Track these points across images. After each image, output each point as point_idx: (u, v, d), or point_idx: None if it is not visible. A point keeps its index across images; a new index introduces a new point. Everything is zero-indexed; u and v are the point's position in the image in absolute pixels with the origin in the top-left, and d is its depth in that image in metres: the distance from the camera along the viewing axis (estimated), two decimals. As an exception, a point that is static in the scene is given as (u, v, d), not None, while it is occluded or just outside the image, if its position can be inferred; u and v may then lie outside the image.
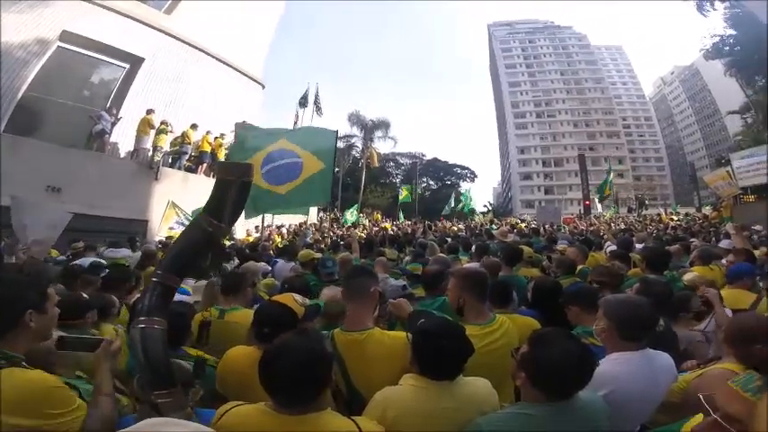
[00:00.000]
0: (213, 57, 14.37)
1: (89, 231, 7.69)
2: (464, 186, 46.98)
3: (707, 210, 20.61)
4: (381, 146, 36.18)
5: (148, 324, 1.19)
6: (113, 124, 10.58)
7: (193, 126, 11.86)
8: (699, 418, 0.90)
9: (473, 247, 5.23)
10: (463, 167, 54.70)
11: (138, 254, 4.96)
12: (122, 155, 11.34)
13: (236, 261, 4.72)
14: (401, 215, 21.81)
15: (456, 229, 13.78)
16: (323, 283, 3.38)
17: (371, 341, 1.64)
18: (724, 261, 3.68)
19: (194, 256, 1.39)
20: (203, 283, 2.96)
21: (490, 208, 47.95)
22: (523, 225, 14.73)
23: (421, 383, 1.35)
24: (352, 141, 35.22)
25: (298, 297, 1.86)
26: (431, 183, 53.18)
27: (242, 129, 6.20)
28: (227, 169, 1.41)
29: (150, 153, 10.73)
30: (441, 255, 4.14)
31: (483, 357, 1.61)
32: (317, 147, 5.51)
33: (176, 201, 9.97)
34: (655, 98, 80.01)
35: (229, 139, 12.95)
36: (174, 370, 1.22)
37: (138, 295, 2.22)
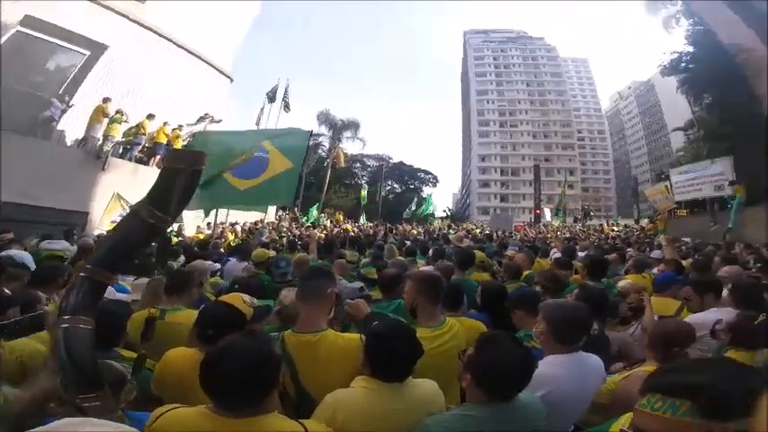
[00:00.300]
0: (181, 47, 13.72)
1: (22, 222, 7.06)
2: (426, 191, 47.98)
3: (644, 222, 22.36)
4: (349, 146, 36.05)
5: (73, 323, 1.10)
6: (63, 112, 9.84)
7: (150, 116, 11.21)
8: (627, 417, 0.96)
9: (430, 251, 5.36)
10: (427, 172, 55.85)
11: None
12: (70, 143, 10.50)
13: (183, 259, 4.51)
14: (363, 217, 21.83)
15: (416, 232, 14.01)
16: (277, 283, 3.30)
17: (325, 343, 1.62)
18: (655, 270, 4.03)
19: (131, 250, 1.30)
20: (145, 280, 2.81)
21: (449, 213, 49.19)
22: (478, 231, 15.28)
23: (372, 385, 1.36)
24: (320, 140, 34.77)
25: (246, 297, 1.79)
26: (395, 186, 53.70)
27: (216, 121, 6.02)
28: (178, 157, 1.33)
29: (100, 142, 10.00)
30: (399, 258, 4.19)
31: (432, 359, 1.64)
32: (288, 145, 5.37)
33: (123, 193, 9.37)
34: (610, 112, 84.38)
35: (188, 130, 12.38)
36: (101, 372, 1.14)
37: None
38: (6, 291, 1.92)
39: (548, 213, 29.69)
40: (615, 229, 19.72)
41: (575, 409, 1.66)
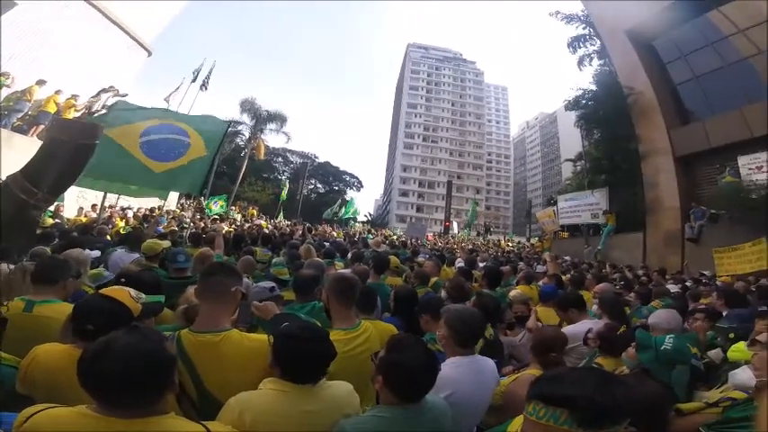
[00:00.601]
0: (98, 9, 11.92)
1: None
2: (350, 194, 48.08)
3: (534, 240, 25.38)
4: (273, 139, 34.22)
5: None
6: None
7: (39, 82, 9.52)
8: (519, 420, 1.03)
9: (349, 254, 5.36)
10: (352, 176, 55.97)
11: None
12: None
13: (56, 242, 3.82)
14: (281, 214, 20.96)
15: (336, 234, 13.93)
16: (173, 279, 2.98)
17: (228, 343, 1.51)
18: (541, 283, 4.60)
19: (8, 231, 1.07)
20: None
21: (369, 218, 49.97)
22: (395, 237, 15.81)
23: (282, 387, 1.31)
24: (240, 128, 32.42)
25: (132, 292, 1.60)
26: (319, 186, 52.73)
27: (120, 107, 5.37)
28: (63, 127, 1.13)
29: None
30: (316, 259, 4.09)
31: (346, 362, 1.64)
32: (205, 132, 5.11)
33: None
34: (516, 139, 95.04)
35: (85, 102, 10.58)
36: None
37: None
38: None
39: (455, 226, 32.07)
40: (510, 244, 22.10)
41: (475, 410, 1.79)
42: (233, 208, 18.76)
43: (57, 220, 7.46)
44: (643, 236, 13.29)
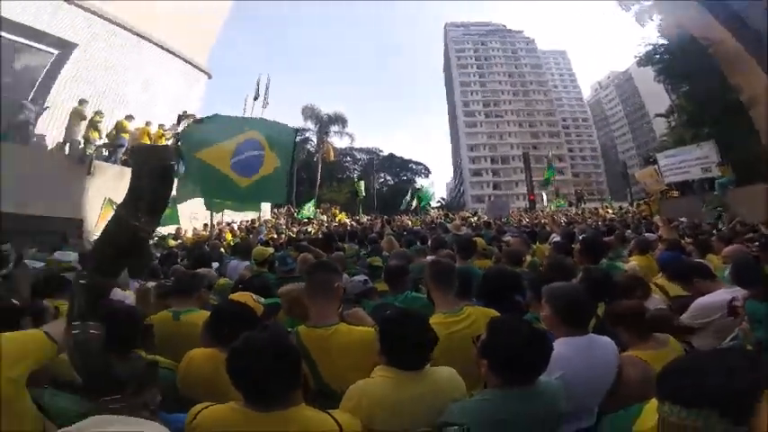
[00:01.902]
0: (155, 43, 13.32)
1: (15, 232, 6.87)
2: (420, 182, 47.90)
3: (638, 203, 22.60)
4: (337, 141, 35.81)
5: (82, 330, 1.10)
6: (38, 115, 9.52)
7: (128, 117, 10.98)
8: (651, 413, 0.89)
9: (429, 241, 5.34)
10: (418, 163, 55.89)
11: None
12: (49, 147, 10.22)
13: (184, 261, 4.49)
14: (361, 210, 21.74)
15: (410, 223, 14.02)
16: (280, 280, 3.28)
17: (338, 336, 1.64)
18: (657, 251, 3.97)
19: (119, 255, 1.26)
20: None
21: (443, 203, 49.26)
22: (474, 219, 15.34)
23: (390, 374, 1.36)
24: (306, 135, 34.46)
25: (254, 296, 1.80)
26: (388, 178, 53.62)
27: (199, 121, 5.97)
28: (139, 154, 1.30)
29: (81, 146, 9.78)
30: (401, 249, 4.16)
31: (448, 345, 1.64)
32: (277, 142, 5.34)
33: (113, 196, 9.19)
34: (591, 101, 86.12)
35: (171, 131, 12.18)
36: (120, 373, 1.13)
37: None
38: (15, 301, 1.87)
39: (545, 197, 29.72)
40: (610, 211, 19.96)
41: (591, 391, 1.64)
42: (318, 210, 20.00)
43: (179, 241, 8.74)
44: (768, 188, 11.08)
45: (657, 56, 15.99)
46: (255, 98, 18.58)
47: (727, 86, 12.86)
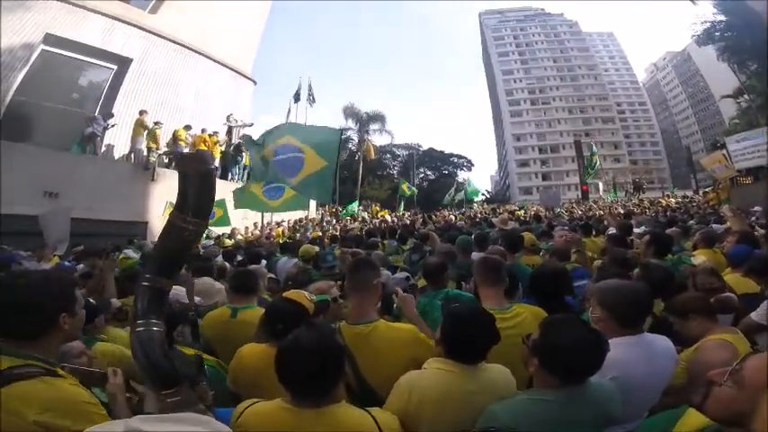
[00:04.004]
0: (202, 54, 14.20)
1: (89, 235, 7.65)
2: (462, 175, 46.99)
3: (707, 191, 20.59)
4: (377, 139, 36.10)
5: (146, 327, 1.17)
6: (105, 129, 10.52)
7: (186, 127, 11.80)
8: (695, 419, 0.91)
9: (472, 236, 5.21)
10: (460, 157, 54.47)
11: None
12: (116, 157, 11.30)
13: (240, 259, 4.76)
14: (401, 206, 21.78)
15: (453, 218, 13.79)
16: (324, 277, 3.38)
17: (377, 333, 1.66)
18: (725, 244, 3.59)
19: (174, 257, 1.33)
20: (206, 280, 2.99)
21: (488, 196, 47.90)
22: (522, 212, 14.76)
23: (447, 366, 1.37)
24: (348, 134, 35.11)
25: (306, 293, 1.86)
26: (428, 173, 52.97)
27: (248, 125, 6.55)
28: (182, 161, 1.35)
29: (145, 154, 10.68)
30: (446, 245, 4.09)
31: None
32: (320, 143, 5.47)
33: (174, 202, 9.95)
34: (648, 84, 79.97)
35: (223, 136, 12.95)
36: (177, 368, 1.20)
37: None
38: (90, 300, 2.08)
39: (601, 187, 27.93)
40: (673, 200, 18.36)
41: (644, 393, 1.55)
42: (360, 208, 20.33)
43: (233, 240, 9.28)
44: None
45: (718, 33, 14.86)
46: (297, 100, 19.32)
47: None
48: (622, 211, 11.02)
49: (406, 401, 1.30)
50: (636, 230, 4.83)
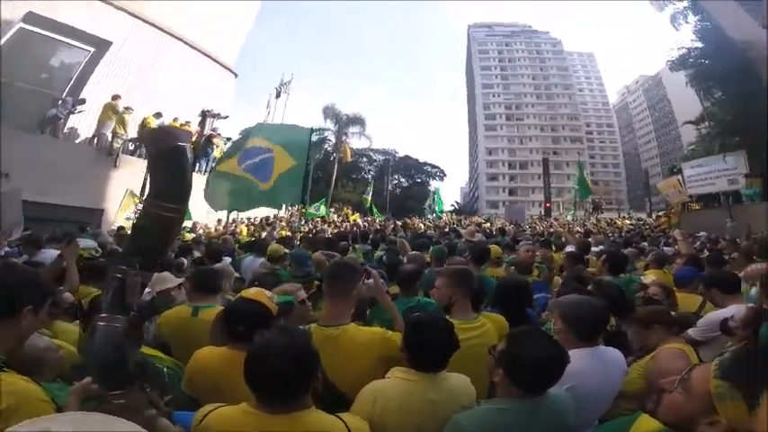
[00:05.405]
0: (185, 42, 13.67)
1: (41, 220, 7.16)
2: (434, 185, 47.75)
3: (658, 216, 21.91)
4: (355, 142, 36.01)
5: (108, 322, 1.12)
6: (71, 112, 9.92)
7: (157, 114, 11.33)
8: (647, 425, 0.99)
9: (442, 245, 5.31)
10: (433, 166, 55.44)
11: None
12: (79, 140, 10.64)
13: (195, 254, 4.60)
14: (374, 210, 21.80)
15: (423, 226, 13.97)
16: (298, 278, 3.32)
17: (346, 336, 1.66)
18: (674, 265, 3.94)
19: (151, 247, 1.25)
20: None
21: (457, 207, 48.84)
22: (488, 225, 15.19)
23: (409, 376, 1.39)
24: (326, 135, 34.78)
25: (268, 293, 1.81)
26: (402, 180, 53.47)
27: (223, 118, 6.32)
28: (151, 138, 1.27)
29: (110, 139, 10.14)
30: (416, 253, 4.15)
31: (461, 353, 1.64)
32: (289, 142, 5.39)
33: (136, 189, 9.50)
34: (618, 106, 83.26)
35: (196, 127, 12.50)
36: (130, 368, 1.15)
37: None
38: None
39: (561, 206, 29.09)
40: (628, 221, 19.46)
41: (598, 403, 1.66)
42: (331, 210, 20.15)
43: (194, 235, 8.93)
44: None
45: (691, 60, 15.29)
46: (278, 96, 19.02)
47: (765, 94, 12.03)
48: (581, 230, 11.61)
49: (370, 410, 1.31)
50: (594, 249, 5.12)
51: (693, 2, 14.58)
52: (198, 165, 12.48)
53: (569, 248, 5.27)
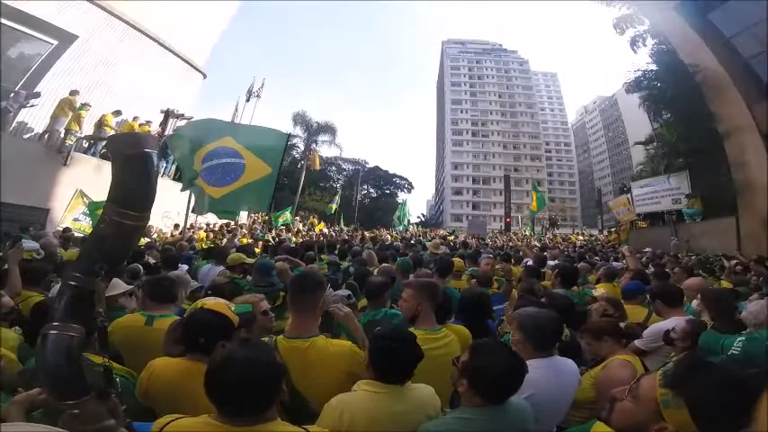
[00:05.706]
0: (153, 39, 13.10)
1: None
2: (402, 196, 48.32)
3: (609, 232, 23.29)
4: (324, 150, 35.71)
5: (61, 330, 1.03)
6: (22, 105, 9.19)
7: (116, 112, 10.80)
8: (601, 425, 1.05)
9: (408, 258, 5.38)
10: (402, 178, 56.18)
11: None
12: (29, 135, 9.83)
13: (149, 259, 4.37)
14: (342, 221, 21.67)
15: (390, 237, 14.07)
16: (260, 288, 3.23)
17: (315, 348, 1.65)
18: (622, 279, 4.22)
19: (112, 255, 1.17)
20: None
21: (423, 219, 49.60)
22: (452, 237, 15.54)
23: (375, 388, 1.40)
24: (294, 141, 34.24)
25: (229, 304, 1.76)
26: (371, 190, 53.64)
27: (189, 123, 5.86)
28: (115, 143, 1.22)
29: (62, 136, 9.47)
30: (386, 265, 4.18)
31: (426, 363, 1.66)
32: (265, 149, 5.22)
33: (87, 190, 8.90)
34: (576, 125, 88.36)
35: (156, 126, 11.95)
36: (84, 378, 1.06)
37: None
38: None
39: (520, 221, 30.28)
40: (581, 238, 20.58)
41: (555, 411, 1.75)
42: (296, 218, 19.77)
43: (148, 240, 8.44)
44: (736, 220, 11.68)
45: (645, 82, 15.69)
46: (247, 99, 18.58)
47: (708, 117, 12.75)
48: (539, 245, 12.19)
49: (337, 422, 1.31)
50: (550, 263, 5.41)
51: (653, 26, 15.15)
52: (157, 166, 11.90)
53: (528, 262, 5.57)
